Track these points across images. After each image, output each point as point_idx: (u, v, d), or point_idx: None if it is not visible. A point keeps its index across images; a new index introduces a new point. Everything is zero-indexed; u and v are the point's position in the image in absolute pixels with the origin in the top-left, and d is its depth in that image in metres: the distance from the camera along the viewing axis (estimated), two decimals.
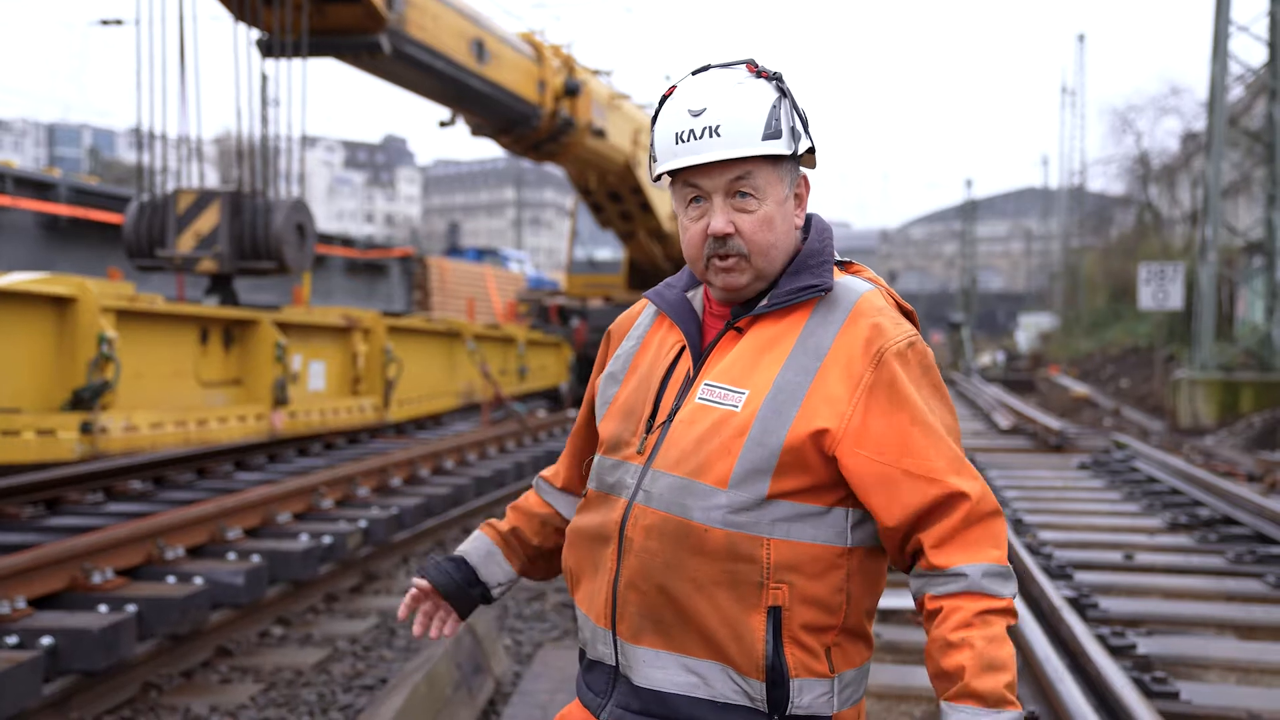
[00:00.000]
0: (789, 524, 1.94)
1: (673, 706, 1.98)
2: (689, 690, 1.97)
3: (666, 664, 1.99)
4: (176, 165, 9.54)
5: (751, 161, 1.99)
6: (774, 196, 2.02)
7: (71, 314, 7.26)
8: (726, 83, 2.02)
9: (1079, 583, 6.90)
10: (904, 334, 2.01)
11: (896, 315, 2.05)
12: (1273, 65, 19.87)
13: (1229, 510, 9.12)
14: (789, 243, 2.07)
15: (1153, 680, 4.90)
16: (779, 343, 2.01)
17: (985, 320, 71.97)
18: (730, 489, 1.94)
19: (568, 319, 19.08)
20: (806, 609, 1.95)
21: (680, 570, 1.96)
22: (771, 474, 1.94)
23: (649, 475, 2.02)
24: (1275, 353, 19.71)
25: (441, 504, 9.71)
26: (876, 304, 2.05)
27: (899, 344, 1.99)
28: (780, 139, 1.99)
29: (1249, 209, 31.32)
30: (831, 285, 2.04)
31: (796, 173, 2.08)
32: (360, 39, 10.15)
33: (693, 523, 1.95)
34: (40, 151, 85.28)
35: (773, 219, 2.02)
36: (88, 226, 15.28)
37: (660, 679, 1.99)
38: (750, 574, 1.93)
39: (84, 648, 5.12)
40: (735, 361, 2.03)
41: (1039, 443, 15.57)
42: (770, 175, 2.01)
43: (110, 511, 8.26)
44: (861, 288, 2.08)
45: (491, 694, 5.74)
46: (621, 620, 2.03)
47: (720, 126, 1.97)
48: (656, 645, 2.00)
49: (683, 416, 2.02)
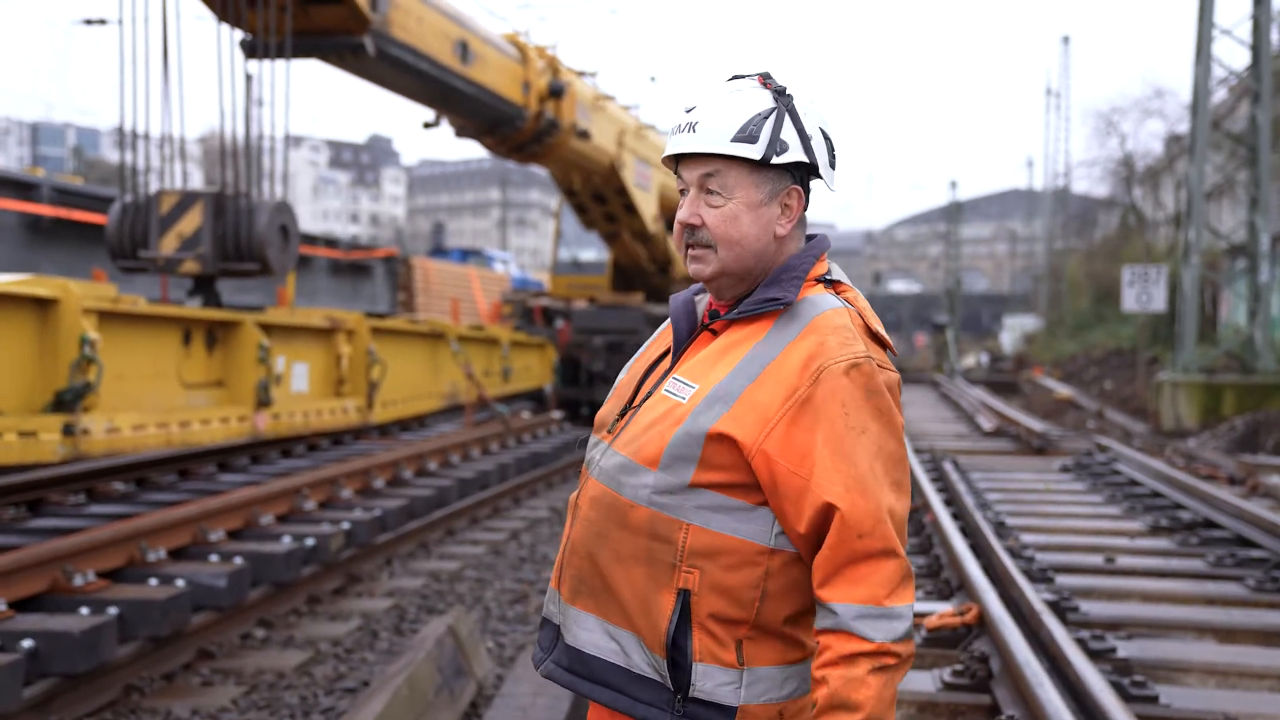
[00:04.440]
0: (711, 513, 2.02)
1: (593, 669, 2.11)
2: (609, 656, 2.10)
3: (592, 627, 2.12)
4: (160, 165, 9.50)
5: (720, 160, 2.09)
6: (743, 197, 2.09)
7: (53, 315, 7.23)
8: (728, 88, 2.13)
9: (1060, 586, 6.93)
10: (849, 354, 2.02)
11: (849, 336, 2.04)
12: (1255, 69, 19.97)
13: (1210, 513, 9.16)
14: (761, 246, 2.12)
15: (1131, 684, 4.92)
16: (738, 347, 2.10)
17: (969, 322, 72.11)
18: (659, 470, 2.04)
19: (552, 320, 19.07)
20: (716, 598, 2.02)
21: (607, 540, 2.09)
22: (695, 463, 2.02)
23: (606, 453, 2.16)
24: (1257, 355, 19.80)
25: (425, 506, 9.70)
26: (834, 323, 2.06)
27: (840, 363, 2.01)
28: (753, 144, 2.06)
29: (1232, 211, 31.49)
30: (792, 300, 2.08)
31: (783, 183, 2.11)
32: (344, 40, 10.12)
33: (622, 498, 2.08)
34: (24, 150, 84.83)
35: (738, 217, 2.09)
36: (71, 227, 15.22)
37: (585, 640, 2.12)
38: (665, 554, 2.03)
39: (65, 650, 5.11)
40: (701, 360, 2.13)
41: (1022, 445, 15.63)
42: (741, 177, 2.09)
43: (92, 513, 8.23)
44: (826, 305, 2.10)
45: (473, 696, 5.74)
46: (564, 582, 2.18)
47: (698, 124, 2.09)
48: (587, 609, 2.13)
49: (645, 404, 2.15)
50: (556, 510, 11.51)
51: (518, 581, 8.40)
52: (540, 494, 12.67)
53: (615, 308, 18.84)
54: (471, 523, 10.65)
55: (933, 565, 7.54)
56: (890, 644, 1.92)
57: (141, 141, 9.38)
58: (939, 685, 5.18)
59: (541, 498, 12.41)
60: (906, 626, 1.95)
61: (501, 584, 8.31)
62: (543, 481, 13.09)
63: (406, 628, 7.08)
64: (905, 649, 1.95)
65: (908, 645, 1.95)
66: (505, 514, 11.28)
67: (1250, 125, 20.25)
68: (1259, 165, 19.92)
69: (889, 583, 1.94)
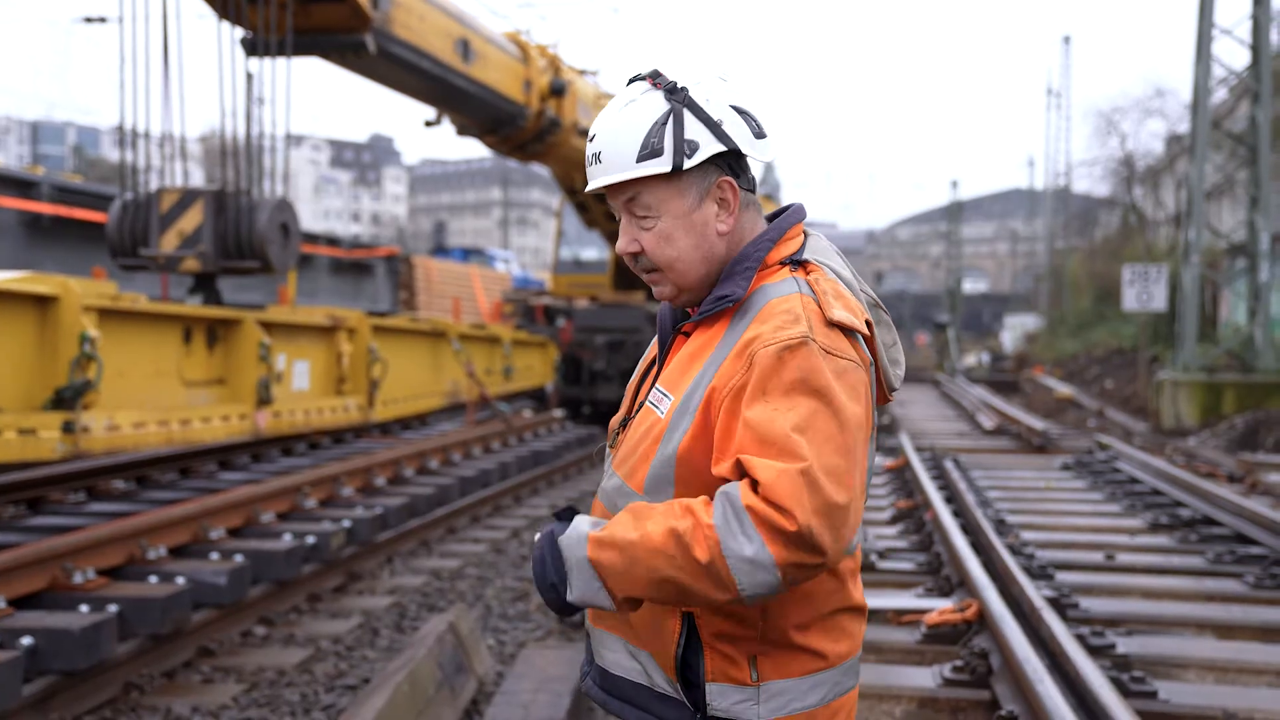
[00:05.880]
0: None
1: (620, 689, 2.10)
2: (632, 675, 2.07)
3: (616, 648, 2.10)
4: (160, 164, 9.50)
5: (634, 182, 2.01)
6: (671, 211, 2.01)
7: (53, 313, 7.22)
8: (618, 104, 2.04)
9: (1060, 583, 6.93)
10: (784, 337, 1.88)
11: (789, 320, 1.91)
12: (1255, 68, 19.96)
13: (1209, 510, 9.16)
14: (703, 253, 2.04)
15: (1131, 680, 4.92)
16: (703, 352, 2.01)
17: (970, 321, 72.10)
18: (645, 495, 1.98)
19: (553, 319, 19.06)
20: (719, 618, 1.96)
21: None
22: (673, 483, 1.96)
23: (608, 473, 2.11)
24: (1257, 354, 19.78)
25: (426, 504, 9.70)
26: (777, 310, 1.94)
27: (773, 345, 1.88)
28: (660, 157, 1.97)
29: (1232, 211, 31.45)
30: (741, 295, 1.99)
31: (709, 179, 2.01)
32: (345, 38, 10.11)
33: None
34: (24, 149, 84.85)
35: (670, 234, 2.02)
36: (71, 225, 15.22)
37: (611, 660, 2.11)
38: None
39: (65, 648, 5.12)
40: (675, 367, 2.06)
41: (1023, 443, 15.62)
42: (662, 191, 2.00)
43: (92, 511, 8.24)
44: (775, 293, 1.98)
45: (474, 694, 5.74)
46: None
47: (601, 153, 2.02)
48: (611, 629, 2.11)
49: (635, 418, 2.10)
50: (557, 508, 11.48)
51: (519, 579, 8.40)
52: (541, 492, 12.67)
53: (617, 306, 18.84)
54: (473, 521, 10.65)
55: (933, 562, 7.54)
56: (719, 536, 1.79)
57: (142, 140, 9.38)
58: (939, 681, 5.18)
59: (543, 496, 12.41)
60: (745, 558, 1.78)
61: (503, 582, 8.31)
62: (544, 480, 13.08)
63: (407, 625, 7.08)
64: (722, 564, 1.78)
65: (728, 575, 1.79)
66: (506, 512, 11.27)
67: (1250, 125, 20.23)
68: (1259, 164, 19.90)
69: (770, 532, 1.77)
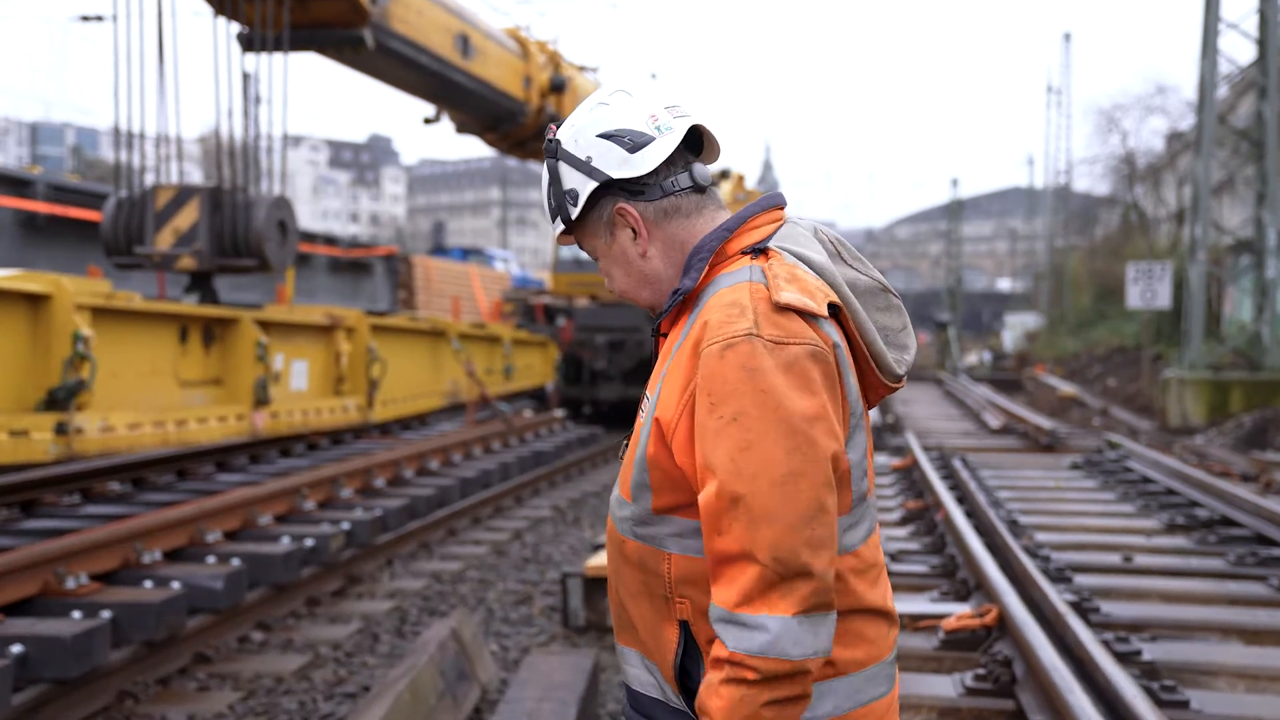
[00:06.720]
0: (683, 539, 1.91)
1: (642, 704, 2.05)
2: (649, 690, 2.03)
3: (635, 663, 2.06)
4: (157, 163, 9.36)
5: (568, 236, 2.13)
6: (599, 252, 2.10)
7: (46, 312, 7.09)
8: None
9: (1079, 586, 6.76)
10: (726, 333, 1.82)
11: (734, 313, 1.85)
12: (1262, 62, 19.82)
13: (1227, 511, 8.98)
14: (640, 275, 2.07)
15: (1161, 688, 4.75)
16: (668, 350, 2.01)
17: (971, 320, 72.09)
18: (631, 503, 1.97)
19: (554, 318, 18.98)
20: (709, 625, 1.87)
21: (620, 577, 2.04)
22: (649, 487, 1.94)
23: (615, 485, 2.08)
24: (1264, 352, 19.67)
25: (426, 505, 9.58)
26: (723, 301, 1.88)
27: (715, 344, 1.82)
28: (559, 215, 2.08)
29: (1233, 208, 31.34)
30: (690, 287, 1.96)
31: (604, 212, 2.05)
32: (343, 33, 9.99)
33: (618, 533, 2.02)
34: (23, 150, 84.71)
35: (609, 270, 2.11)
36: (66, 224, 15.08)
37: (631, 675, 2.07)
38: (658, 587, 1.95)
39: (56, 656, 4.99)
40: (656, 369, 2.04)
41: (1030, 442, 15.48)
42: (584, 239, 2.11)
43: (87, 514, 8.09)
44: (725, 283, 1.93)
45: (477, 702, 5.59)
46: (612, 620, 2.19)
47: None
48: (628, 644, 2.07)
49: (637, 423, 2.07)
50: (559, 509, 11.36)
51: (521, 582, 8.25)
52: (543, 493, 12.53)
53: (617, 306, 18.74)
54: (474, 522, 10.50)
55: (948, 565, 7.36)
56: (745, 655, 1.73)
57: (138, 139, 9.23)
58: (961, 690, 5.01)
59: (544, 497, 12.27)
60: (767, 639, 1.73)
61: (505, 585, 8.16)
62: (545, 480, 12.95)
63: (408, 630, 6.93)
64: (769, 665, 1.73)
65: (778, 663, 1.73)
66: (507, 513, 11.13)
67: (1256, 120, 20.10)
68: (1265, 160, 19.77)
69: (744, 590, 1.74)
